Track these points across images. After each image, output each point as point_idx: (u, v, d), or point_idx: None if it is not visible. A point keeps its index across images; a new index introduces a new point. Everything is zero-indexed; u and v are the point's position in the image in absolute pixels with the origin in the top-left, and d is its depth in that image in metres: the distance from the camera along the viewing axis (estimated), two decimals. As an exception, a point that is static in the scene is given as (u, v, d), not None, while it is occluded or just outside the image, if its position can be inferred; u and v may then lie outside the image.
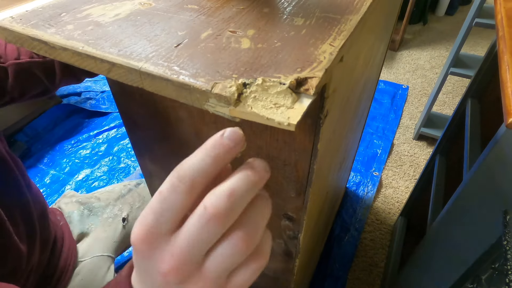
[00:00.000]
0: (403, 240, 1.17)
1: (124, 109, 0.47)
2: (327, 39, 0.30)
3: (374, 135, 1.69)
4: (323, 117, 0.33)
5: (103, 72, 0.30)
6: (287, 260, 0.55)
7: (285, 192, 0.43)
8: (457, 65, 1.37)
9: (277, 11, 0.36)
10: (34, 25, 0.33)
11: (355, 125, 0.77)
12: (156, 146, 0.49)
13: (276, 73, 0.26)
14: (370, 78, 0.77)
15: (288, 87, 0.24)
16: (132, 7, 0.36)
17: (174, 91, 0.27)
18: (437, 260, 0.68)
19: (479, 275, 0.50)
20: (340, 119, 0.47)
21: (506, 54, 0.50)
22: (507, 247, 0.39)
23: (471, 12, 1.19)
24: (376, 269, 1.18)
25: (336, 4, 0.36)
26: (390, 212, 1.36)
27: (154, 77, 0.27)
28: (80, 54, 0.30)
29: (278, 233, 0.50)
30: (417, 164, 1.56)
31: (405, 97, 1.95)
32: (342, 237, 1.26)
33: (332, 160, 0.55)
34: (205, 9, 0.36)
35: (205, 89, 0.25)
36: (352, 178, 1.49)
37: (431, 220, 0.79)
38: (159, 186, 0.21)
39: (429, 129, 1.61)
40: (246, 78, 0.26)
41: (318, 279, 1.15)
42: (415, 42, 2.46)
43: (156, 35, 0.32)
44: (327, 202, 0.73)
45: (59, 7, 0.36)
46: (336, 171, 0.71)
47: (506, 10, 0.61)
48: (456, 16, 2.79)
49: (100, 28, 0.32)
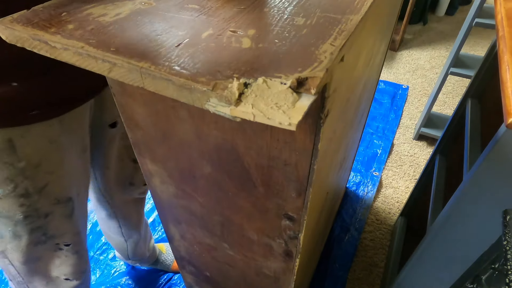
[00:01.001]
0: (403, 240, 1.17)
1: (124, 109, 0.47)
2: (327, 39, 0.30)
3: (374, 135, 1.69)
4: (323, 117, 0.33)
5: (104, 71, 0.30)
6: (287, 260, 0.55)
7: (285, 192, 0.43)
8: (457, 65, 1.37)
9: (278, 11, 0.36)
10: (35, 24, 0.33)
11: (355, 125, 0.78)
12: (156, 146, 0.49)
13: (277, 72, 0.26)
14: (370, 78, 0.77)
15: (289, 87, 0.24)
16: (133, 7, 0.36)
17: (175, 90, 0.27)
18: (437, 260, 0.68)
19: (479, 275, 0.50)
20: (341, 119, 0.47)
21: (506, 54, 0.50)
22: (507, 247, 0.39)
23: (471, 12, 1.19)
24: (376, 269, 1.18)
25: (336, 4, 0.36)
26: (390, 212, 1.37)
27: (155, 76, 0.27)
28: (81, 54, 0.30)
29: (278, 233, 0.50)
30: (417, 164, 1.56)
31: (405, 97, 1.95)
32: (342, 237, 1.26)
33: (333, 160, 0.55)
34: (205, 9, 0.36)
35: (206, 89, 0.25)
36: (352, 178, 1.49)
37: (431, 220, 0.80)
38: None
39: (429, 129, 1.61)
40: (247, 78, 0.26)
41: (318, 279, 1.15)
42: (415, 42, 2.46)
43: (157, 34, 0.32)
44: (327, 202, 0.73)
45: (60, 7, 0.36)
46: (336, 171, 0.71)
47: (506, 10, 0.61)
48: (456, 16, 2.79)
49: (101, 27, 0.32)
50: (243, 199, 0.48)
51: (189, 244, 0.71)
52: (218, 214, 0.55)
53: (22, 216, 0.56)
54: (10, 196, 0.53)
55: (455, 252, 0.62)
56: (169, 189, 0.57)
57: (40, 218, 0.59)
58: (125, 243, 0.99)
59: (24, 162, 0.52)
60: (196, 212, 0.58)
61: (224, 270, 0.71)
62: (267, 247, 0.55)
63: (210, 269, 0.75)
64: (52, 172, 0.56)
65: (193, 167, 0.48)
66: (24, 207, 0.55)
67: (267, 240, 0.53)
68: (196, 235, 0.65)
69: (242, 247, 0.59)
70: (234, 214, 0.52)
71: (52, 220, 0.61)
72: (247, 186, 0.45)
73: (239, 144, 0.40)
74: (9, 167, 0.51)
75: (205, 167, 0.47)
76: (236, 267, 0.67)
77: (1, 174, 0.51)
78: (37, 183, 0.55)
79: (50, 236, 0.63)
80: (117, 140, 0.73)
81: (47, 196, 0.57)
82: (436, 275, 0.69)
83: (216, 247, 0.64)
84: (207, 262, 0.73)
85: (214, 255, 0.68)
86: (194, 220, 0.61)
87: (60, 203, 0.60)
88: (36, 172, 0.54)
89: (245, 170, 0.43)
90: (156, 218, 1.35)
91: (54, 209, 0.60)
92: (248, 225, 0.52)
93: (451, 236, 0.62)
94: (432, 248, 0.69)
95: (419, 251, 0.73)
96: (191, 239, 0.68)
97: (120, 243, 0.99)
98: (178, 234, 0.70)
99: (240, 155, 0.41)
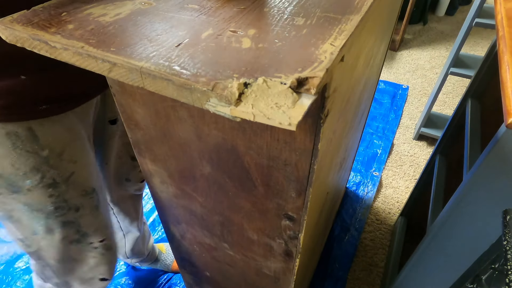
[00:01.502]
0: (403, 240, 1.17)
1: (124, 109, 0.47)
2: (328, 39, 0.30)
3: (374, 135, 1.69)
4: (323, 117, 0.33)
5: (104, 71, 0.30)
6: (287, 260, 0.55)
7: (285, 192, 0.43)
8: (457, 65, 1.37)
9: (278, 11, 0.36)
10: (35, 24, 0.33)
11: (355, 125, 0.78)
12: (156, 146, 0.49)
13: (277, 72, 0.26)
14: (371, 78, 0.77)
15: (289, 87, 0.24)
16: (132, 7, 0.36)
17: (175, 90, 0.27)
18: (437, 260, 0.68)
19: (479, 275, 0.50)
20: (341, 119, 0.47)
21: (506, 54, 0.50)
22: (507, 247, 0.39)
23: (471, 12, 1.19)
24: (376, 269, 1.18)
25: (336, 4, 0.36)
26: (390, 212, 1.37)
27: (155, 76, 0.27)
28: (81, 54, 0.30)
29: (278, 233, 0.50)
30: (417, 164, 1.56)
31: (405, 97, 1.95)
32: (342, 237, 1.26)
33: (333, 160, 0.55)
34: (205, 9, 0.36)
35: (206, 89, 0.25)
36: (352, 178, 1.49)
37: (431, 220, 0.79)
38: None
39: (429, 129, 1.61)
40: (247, 78, 0.26)
41: (318, 279, 1.15)
42: (415, 42, 2.46)
43: (157, 34, 0.32)
44: (328, 202, 0.73)
45: (60, 7, 0.36)
46: (337, 171, 0.71)
47: (506, 10, 0.61)
48: (456, 16, 2.79)
49: (100, 27, 0.32)
50: (243, 199, 0.48)
51: (189, 244, 0.71)
52: (218, 214, 0.55)
53: (52, 207, 0.57)
54: (39, 187, 0.54)
55: (455, 252, 0.62)
56: (169, 189, 0.57)
57: (71, 210, 0.59)
58: (124, 239, 0.99)
59: (47, 150, 0.52)
60: (196, 212, 0.58)
61: (224, 270, 0.71)
62: (267, 247, 0.55)
63: (210, 269, 0.75)
64: (75, 161, 0.57)
65: (193, 167, 0.48)
66: (53, 198, 0.56)
67: (267, 240, 0.53)
68: (196, 235, 0.65)
69: (242, 247, 0.59)
70: (234, 214, 0.52)
71: (83, 214, 0.61)
72: (247, 186, 0.45)
73: (239, 144, 0.40)
74: (34, 156, 0.52)
75: (205, 167, 0.47)
76: (236, 267, 0.67)
77: (28, 164, 0.52)
78: (63, 172, 0.56)
79: (84, 234, 0.63)
80: (117, 138, 0.74)
81: (74, 187, 0.58)
82: (436, 275, 0.69)
83: (216, 247, 0.64)
84: (207, 262, 0.73)
85: (214, 255, 0.68)
86: (194, 220, 0.61)
87: (87, 194, 0.61)
88: (60, 161, 0.55)
89: (245, 170, 0.43)
90: (156, 218, 1.35)
91: (83, 201, 0.61)
92: (248, 225, 0.52)
93: (451, 236, 0.62)
94: (432, 248, 0.69)
95: (419, 251, 0.73)
96: (191, 239, 0.68)
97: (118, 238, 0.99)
98: (178, 234, 0.70)
99: (240, 155, 0.41)
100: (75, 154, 0.57)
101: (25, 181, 0.53)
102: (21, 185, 0.53)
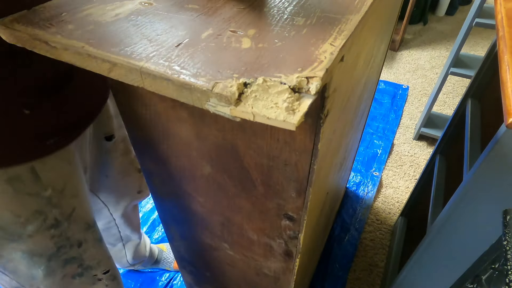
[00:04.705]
0: (403, 240, 1.17)
1: (124, 109, 0.47)
2: (327, 39, 0.30)
3: (374, 135, 1.69)
4: (323, 116, 0.33)
5: (104, 72, 0.30)
6: (287, 260, 0.55)
7: (285, 192, 0.43)
8: (457, 65, 1.37)
9: (277, 11, 0.36)
10: (35, 24, 0.33)
11: (355, 125, 0.78)
12: (156, 146, 0.49)
13: (277, 72, 0.26)
14: (371, 78, 0.77)
15: (289, 87, 0.24)
16: (132, 7, 0.36)
17: (175, 90, 0.27)
18: (437, 260, 0.68)
19: (479, 275, 0.50)
20: (341, 119, 0.47)
21: (506, 54, 0.50)
22: (507, 247, 0.39)
23: (471, 12, 1.19)
24: (376, 269, 1.18)
25: (336, 4, 0.36)
26: (390, 212, 1.37)
27: (155, 76, 0.27)
28: (81, 54, 0.30)
29: (278, 233, 0.50)
30: (417, 164, 1.56)
31: (405, 97, 1.95)
32: (342, 237, 1.26)
33: (333, 160, 0.55)
34: (205, 9, 0.36)
35: (206, 89, 0.25)
36: (352, 178, 1.49)
37: (431, 220, 0.79)
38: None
39: (429, 129, 1.61)
40: (247, 78, 0.26)
41: (318, 279, 1.15)
42: (415, 42, 2.46)
43: (157, 34, 0.32)
44: (328, 202, 0.73)
45: (60, 7, 0.36)
46: (337, 171, 0.71)
47: (506, 10, 0.61)
48: (456, 16, 2.79)
49: (100, 27, 0.32)
50: (243, 199, 0.48)
51: (189, 244, 0.71)
52: (218, 214, 0.55)
53: (55, 248, 0.53)
54: (41, 231, 0.50)
55: (455, 252, 0.62)
56: (169, 189, 0.57)
57: (73, 247, 0.56)
58: (123, 249, 0.97)
59: (50, 189, 0.49)
60: (196, 212, 0.58)
61: (224, 270, 0.71)
62: (267, 247, 0.55)
63: (210, 269, 0.75)
64: (76, 195, 0.54)
65: (193, 167, 0.48)
66: (55, 238, 0.52)
67: (267, 240, 0.53)
68: (196, 235, 0.65)
69: (242, 247, 0.59)
70: (234, 214, 0.52)
71: (87, 249, 0.58)
72: (247, 186, 0.45)
73: (239, 144, 0.40)
74: (36, 199, 0.48)
75: (205, 167, 0.47)
76: (236, 267, 0.67)
77: (29, 209, 0.47)
78: (65, 210, 0.52)
79: (86, 267, 0.60)
80: (120, 156, 0.71)
81: (76, 222, 0.55)
82: (436, 275, 0.69)
83: (216, 247, 0.64)
84: (207, 262, 0.73)
85: (214, 255, 0.68)
86: (194, 220, 0.61)
87: (89, 227, 0.58)
88: (62, 197, 0.51)
89: (245, 170, 0.43)
90: (156, 218, 1.35)
91: (86, 235, 0.57)
92: (248, 225, 0.52)
93: (451, 236, 0.62)
94: (432, 248, 0.69)
95: (419, 251, 0.73)
96: (191, 239, 0.68)
97: (117, 251, 0.97)
98: (178, 234, 0.70)
99: (240, 155, 0.41)
100: (75, 187, 0.53)
101: (26, 227, 0.48)
102: (21, 233, 0.48)
